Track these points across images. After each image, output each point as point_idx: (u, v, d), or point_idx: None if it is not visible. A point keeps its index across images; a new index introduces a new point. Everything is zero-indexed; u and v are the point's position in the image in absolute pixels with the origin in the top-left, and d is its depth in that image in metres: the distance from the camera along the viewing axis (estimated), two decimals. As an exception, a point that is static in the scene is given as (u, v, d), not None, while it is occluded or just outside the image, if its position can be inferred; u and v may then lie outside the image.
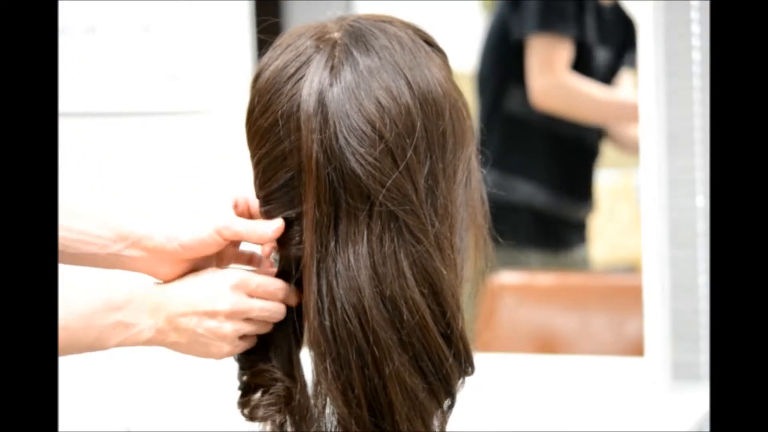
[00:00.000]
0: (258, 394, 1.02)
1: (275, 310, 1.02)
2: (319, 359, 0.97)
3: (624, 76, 2.58)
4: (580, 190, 2.64)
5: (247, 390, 1.03)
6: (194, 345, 1.02)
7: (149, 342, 1.00)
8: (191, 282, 1.02)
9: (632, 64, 2.52)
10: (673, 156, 1.97)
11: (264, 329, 1.03)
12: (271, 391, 1.01)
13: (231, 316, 1.01)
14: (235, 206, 1.05)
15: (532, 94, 2.48)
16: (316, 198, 0.96)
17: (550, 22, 2.46)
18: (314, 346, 0.97)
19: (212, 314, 1.01)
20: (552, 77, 2.45)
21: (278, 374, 1.02)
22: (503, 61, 2.56)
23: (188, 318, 1.00)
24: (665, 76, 1.97)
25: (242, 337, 1.03)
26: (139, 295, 0.99)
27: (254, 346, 1.04)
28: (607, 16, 2.57)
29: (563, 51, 2.47)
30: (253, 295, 1.02)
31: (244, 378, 1.04)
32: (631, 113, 2.43)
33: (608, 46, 2.57)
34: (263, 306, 1.02)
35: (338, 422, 0.97)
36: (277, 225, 1.00)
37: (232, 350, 1.03)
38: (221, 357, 1.03)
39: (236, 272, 1.03)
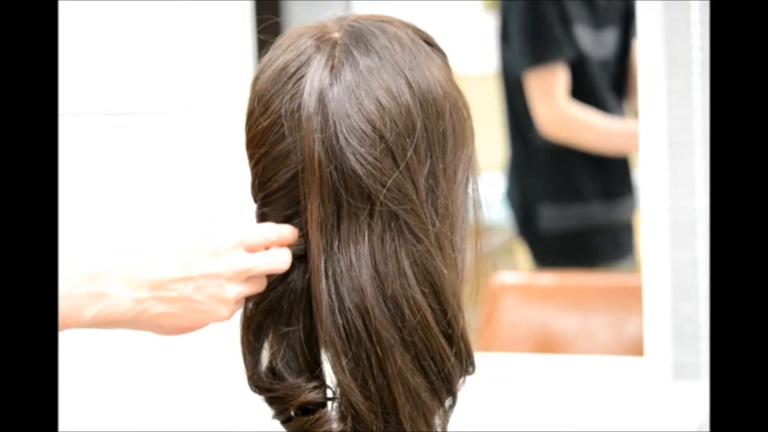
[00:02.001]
0: (313, 414, 0.97)
1: (280, 261, 0.96)
2: (335, 358, 0.95)
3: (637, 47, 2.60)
4: (624, 191, 2.64)
5: (286, 413, 0.98)
6: (187, 314, 0.93)
7: (127, 314, 0.91)
8: (181, 244, 0.93)
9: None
10: (673, 156, 1.98)
11: (260, 287, 0.97)
12: (322, 404, 0.98)
13: (235, 277, 0.94)
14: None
15: (539, 126, 2.52)
16: (320, 197, 0.95)
17: (540, 55, 2.49)
18: (329, 345, 0.95)
19: (214, 277, 0.93)
20: (552, 107, 2.48)
21: (311, 384, 0.98)
22: (515, 97, 2.59)
23: (183, 283, 0.92)
24: (665, 76, 1.97)
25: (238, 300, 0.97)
26: (118, 263, 0.91)
27: (274, 362, 0.99)
28: (598, 3, 2.57)
29: (558, 77, 2.49)
30: (253, 250, 0.95)
31: (284, 403, 0.98)
32: (633, 142, 2.46)
33: (612, 25, 2.56)
34: (267, 260, 0.95)
35: (359, 419, 0.95)
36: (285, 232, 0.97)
37: (230, 314, 0.96)
38: (218, 321, 0.96)
39: (231, 227, 0.95)
